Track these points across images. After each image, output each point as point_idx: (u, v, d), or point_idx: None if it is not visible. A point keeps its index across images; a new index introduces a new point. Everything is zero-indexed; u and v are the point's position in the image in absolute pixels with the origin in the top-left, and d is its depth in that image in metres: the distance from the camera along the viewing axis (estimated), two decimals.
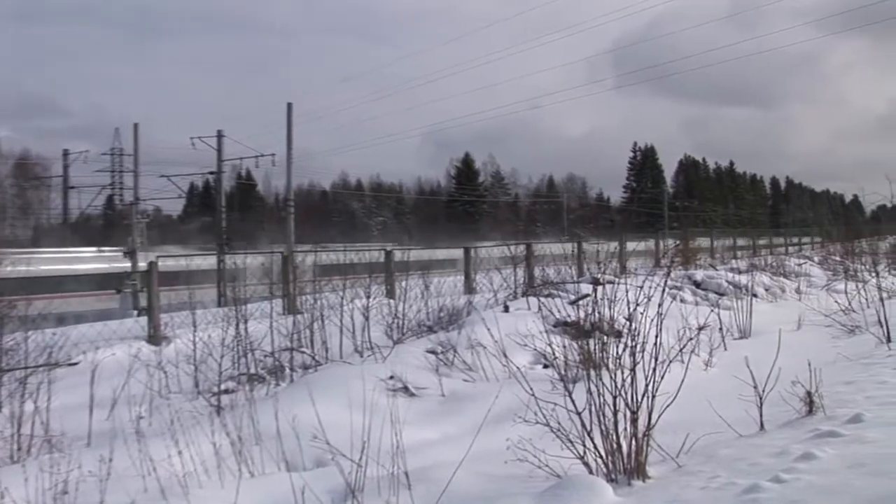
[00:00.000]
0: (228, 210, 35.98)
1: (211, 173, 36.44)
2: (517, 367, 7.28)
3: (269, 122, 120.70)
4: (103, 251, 32.01)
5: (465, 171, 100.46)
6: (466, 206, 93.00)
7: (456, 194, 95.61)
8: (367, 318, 10.36)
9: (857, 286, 13.67)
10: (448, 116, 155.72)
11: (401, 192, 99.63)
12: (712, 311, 10.32)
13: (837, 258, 23.85)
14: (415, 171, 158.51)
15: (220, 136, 34.58)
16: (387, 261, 15.58)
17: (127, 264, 28.99)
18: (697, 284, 16.74)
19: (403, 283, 12.66)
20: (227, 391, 8.23)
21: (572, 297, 11.19)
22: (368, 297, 10.88)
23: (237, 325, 9.38)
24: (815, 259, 26.54)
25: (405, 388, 8.04)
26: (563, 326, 9.35)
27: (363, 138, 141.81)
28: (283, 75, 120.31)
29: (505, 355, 8.05)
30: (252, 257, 16.67)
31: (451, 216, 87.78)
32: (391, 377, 8.14)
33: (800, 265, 22.26)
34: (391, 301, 11.73)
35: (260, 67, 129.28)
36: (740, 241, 30.63)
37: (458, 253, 18.68)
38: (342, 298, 10.76)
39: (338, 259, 13.98)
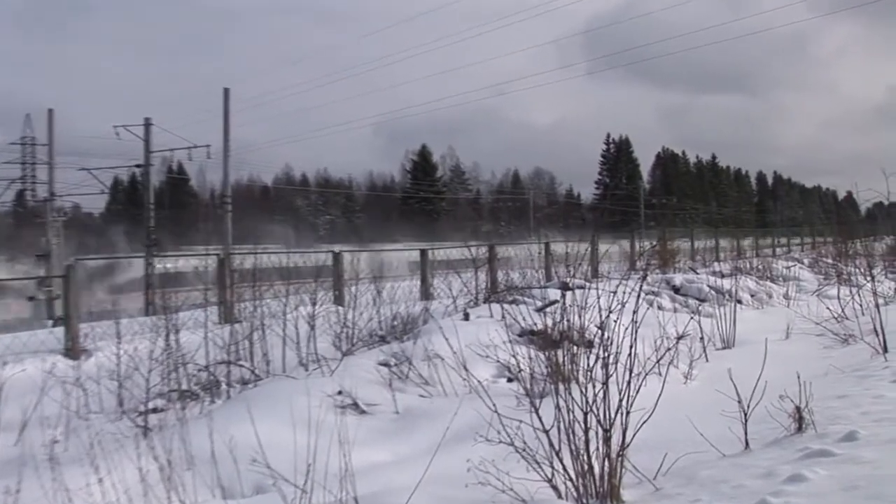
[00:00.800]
0: (157, 207, 35.51)
1: (137, 166, 35.97)
2: (478, 381, 7.28)
3: (205, 109, 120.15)
4: None
5: (422, 164, 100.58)
6: (423, 203, 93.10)
7: (411, 190, 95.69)
8: (312, 328, 10.30)
9: (850, 291, 13.90)
10: (404, 104, 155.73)
11: (350, 187, 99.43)
12: (692, 318, 10.43)
13: (829, 260, 24.28)
14: (366, 164, 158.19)
15: (147, 124, 34.11)
16: (335, 264, 15.52)
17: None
18: (676, 290, 16.93)
19: (353, 289, 12.62)
20: (155, 410, 8.13)
21: (539, 304, 11.26)
22: (314, 304, 10.82)
23: (167, 335, 9.27)
24: (805, 261, 26.96)
25: (355, 405, 8.02)
26: (529, 336, 9.40)
27: (310, 128, 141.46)
28: (222, 58, 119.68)
29: (465, 368, 8.05)
30: (184, 260, 16.53)
31: (407, 215, 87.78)
32: (339, 392, 8.11)
33: (788, 268, 22.60)
34: (340, 308, 11.68)
35: (195, 49, 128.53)
36: (723, 242, 31.01)
37: (413, 255, 18.66)
38: (285, 306, 10.70)
39: (280, 262, 13.90)
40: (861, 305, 13.01)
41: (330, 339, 10.55)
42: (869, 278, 12.72)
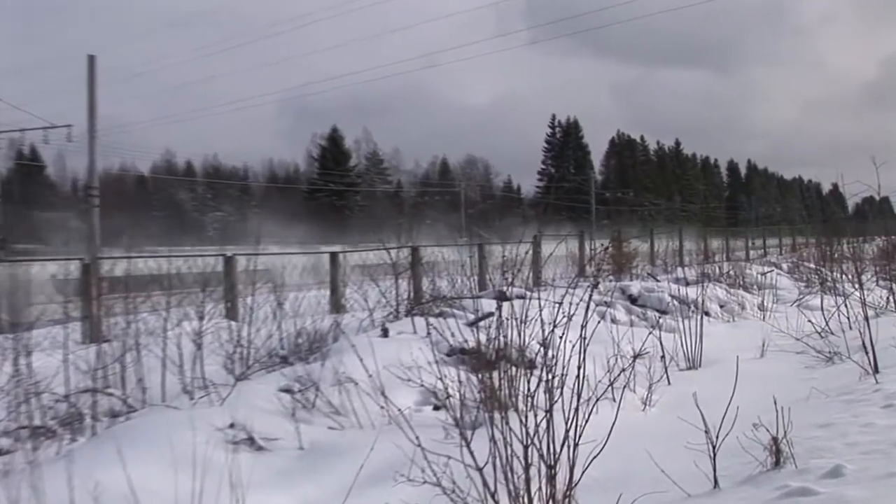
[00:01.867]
0: (4, 200, 34.73)
1: None
2: (399, 410, 7.27)
3: (65, 81, 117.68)
4: None
5: (332, 151, 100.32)
6: (333, 197, 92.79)
7: (320, 182, 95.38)
8: (199, 347, 10.17)
9: (836, 301, 14.20)
10: (310, 78, 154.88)
11: (246, 178, 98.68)
12: (651, 333, 10.54)
13: (812, 265, 24.82)
14: (266, 150, 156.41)
15: None
16: (227, 270, 15.36)
17: None
18: (633, 299, 17.16)
19: (249, 300, 12.50)
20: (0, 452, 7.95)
21: (471, 317, 11.30)
22: (202, 319, 10.69)
23: (16, 359, 9.06)
24: (784, 266, 27.53)
25: (250, 440, 7.94)
26: (460, 355, 9.42)
27: (196, 106, 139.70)
28: (88, 19, 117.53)
29: (383, 394, 8.01)
30: (40, 265, 16.17)
31: (314, 211, 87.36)
32: (232, 425, 8.03)
33: (764, 275, 23.02)
34: (232, 323, 11.56)
35: (54, 6, 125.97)
36: (688, 244, 31.44)
37: (322, 259, 18.58)
38: (166, 321, 10.55)
39: (160, 267, 13.69)
40: (848, 318, 13.30)
41: (220, 360, 10.43)
42: (857, 286, 12.96)
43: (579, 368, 5.68)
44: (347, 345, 10.14)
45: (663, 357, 11.06)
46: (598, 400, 5.68)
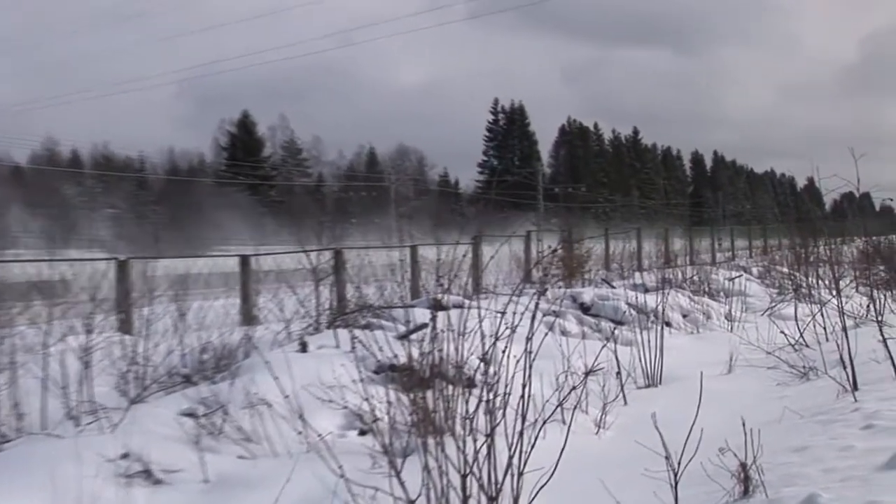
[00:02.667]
0: None
1: None
2: (320, 435, 7.26)
3: None
4: None
5: (243, 139, 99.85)
6: (244, 192, 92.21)
7: (228, 174, 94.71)
8: (87, 366, 10.05)
9: (811, 310, 14.39)
10: (218, 56, 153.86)
11: (143, 170, 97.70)
12: (606, 346, 10.61)
13: (785, 269, 25.14)
14: (166, 138, 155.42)
15: None
16: (120, 275, 15.20)
17: None
18: (585, 308, 17.27)
19: (146, 311, 12.38)
20: None
21: (402, 329, 11.29)
22: (90, 333, 10.57)
23: None
24: (754, 271, 27.87)
25: (146, 472, 7.86)
26: (389, 372, 9.43)
27: (83, 86, 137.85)
28: None
29: (301, 418, 8.00)
30: None
31: (222, 207, 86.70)
32: (125, 455, 7.94)
33: (732, 280, 23.29)
34: (127, 338, 11.44)
35: None
36: (647, 245, 31.67)
37: (231, 263, 18.45)
38: (46, 335, 10.41)
39: (40, 273, 13.51)
40: (825, 328, 13.49)
41: (112, 380, 10.32)
42: (835, 293, 13.09)
43: (524, 387, 5.70)
44: (260, 361, 10.06)
45: (619, 373, 11.12)
46: (545, 422, 5.71)
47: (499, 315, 5.98)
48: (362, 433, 8.62)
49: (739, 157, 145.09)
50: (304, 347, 11.85)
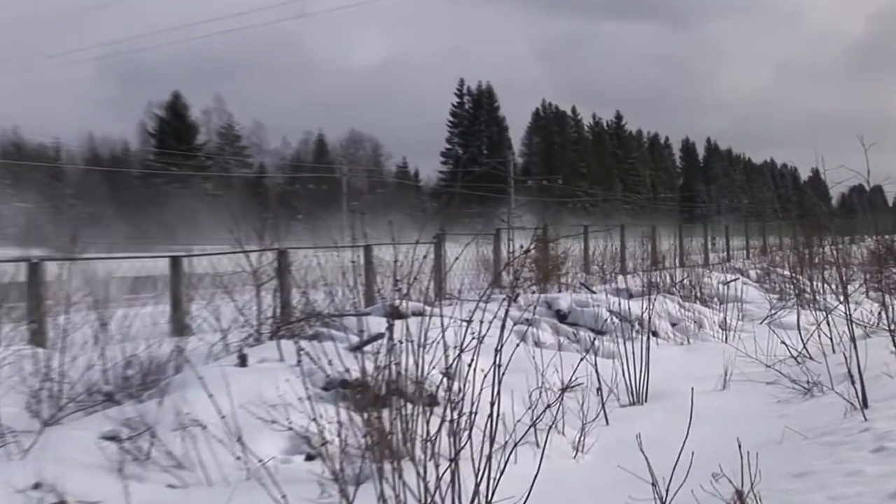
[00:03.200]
0: None
1: None
2: (261, 461, 7.25)
3: None
4: None
5: (174, 124, 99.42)
6: (176, 184, 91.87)
7: (157, 164, 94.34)
8: None
9: (816, 317, 14.45)
10: (145, 30, 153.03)
11: (58, 159, 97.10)
12: (585, 359, 10.63)
13: (786, 272, 25.24)
14: (84, 123, 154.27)
15: None
16: (32, 280, 15.12)
17: None
18: (562, 316, 17.31)
19: (62, 319, 12.33)
20: None
21: (355, 340, 11.28)
22: None
23: None
24: (752, 273, 28.01)
25: None
26: (340, 389, 9.42)
27: None
28: None
29: (240, 441, 7.99)
30: None
31: (149, 201, 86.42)
32: (37, 485, 7.91)
33: (727, 284, 23.34)
34: (39, 351, 11.38)
35: None
36: (632, 245, 31.68)
37: (160, 265, 18.38)
38: None
39: None
40: (831, 339, 13.56)
41: (22, 399, 10.27)
42: (842, 299, 13.12)
43: (493, 405, 5.71)
44: (193, 377, 10.05)
45: (600, 389, 11.16)
46: (516, 445, 5.72)
47: (464, 324, 5.99)
48: (309, 458, 8.60)
49: (735, 145, 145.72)
50: (243, 361, 11.81)
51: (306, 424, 7.93)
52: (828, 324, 13.66)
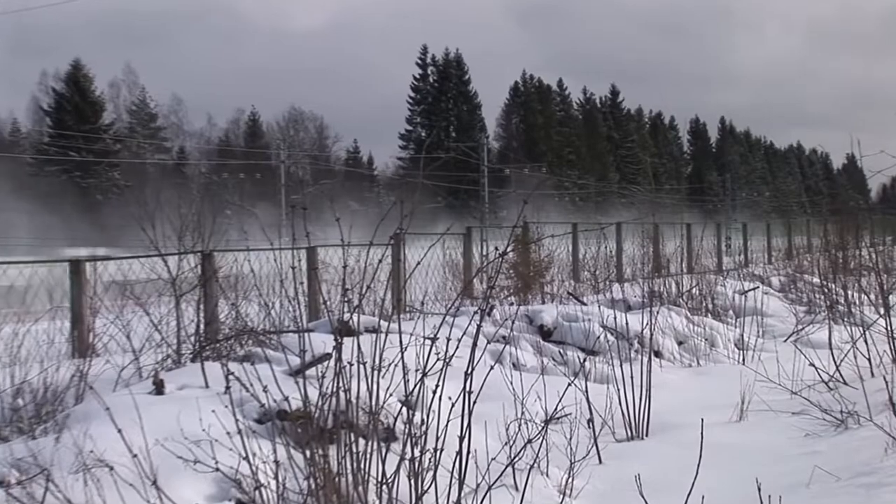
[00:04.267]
0: None
1: None
2: None
3: None
4: None
5: (75, 100, 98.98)
6: (77, 172, 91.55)
7: (54, 147, 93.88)
8: None
9: (851, 335, 14.49)
10: None
11: None
12: (573, 384, 10.68)
13: (816, 279, 25.32)
14: None
15: None
16: None
17: None
18: (546, 333, 17.34)
19: None
20: None
21: (296, 363, 11.30)
22: None
23: None
24: (775, 281, 28.08)
25: None
26: (278, 421, 9.42)
27: None
28: None
29: (155, 484, 7.99)
30: None
31: (46, 193, 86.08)
32: None
33: (745, 293, 23.43)
34: None
35: None
36: (630, 246, 31.67)
37: (57, 271, 18.34)
38: None
39: None
40: (869, 360, 13.60)
41: None
42: (883, 311, 13.14)
43: (462, 440, 5.74)
44: (98, 408, 10.05)
45: (591, 421, 11.20)
46: (490, 488, 5.74)
47: (428, 342, 6.01)
48: None
49: (755, 126, 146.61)
50: (159, 388, 11.80)
51: (236, 464, 7.94)
52: (865, 342, 13.70)
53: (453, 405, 5.81)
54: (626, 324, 16.81)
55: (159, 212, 15.42)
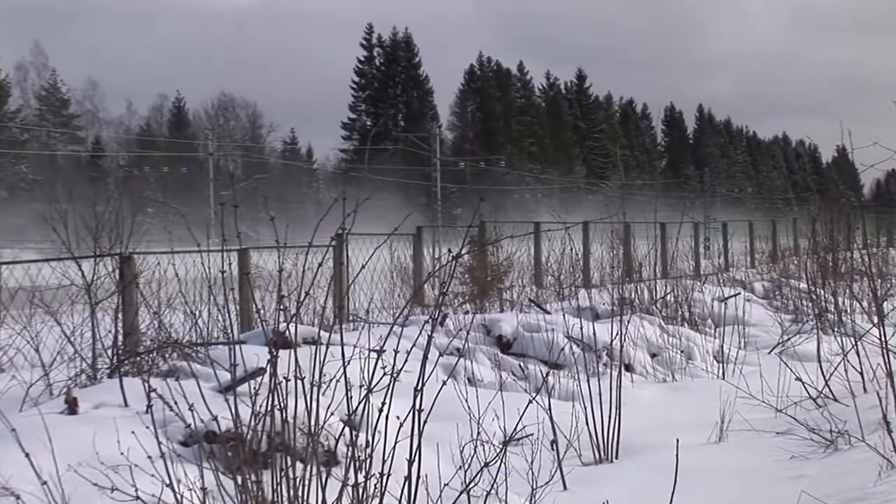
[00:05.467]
0: None
1: None
2: None
3: None
4: None
5: None
6: None
7: None
8: None
9: (842, 346, 14.55)
10: None
11: None
12: (535, 401, 10.70)
13: (803, 285, 25.43)
14: None
15: None
16: None
17: None
18: (505, 345, 17.37)
19: None
20: None
21: (226, 378, 11.28)
22: None
23: None
24: (758, 287, 28.18)
25: None
26: (206, 444, 9.41)
27: None
28: None
29: None
30: None
31: None
32: None
33: (725, 300, 23.53)
34: None
35: None
36: (598, 249, 31.69)
37: None
38: None
39: None
40: (861, 374, 13.68)
41: None
42: (876, 320, 13.20)
43: (412, 464, 5.75)
44: (3, 429, 10.03)
45: (555, 442, 11.22)
46: None
47: (373, 354, 6.02)
48: None
49: (736, 115, 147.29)
50: (72, 407, 11.76)
51: (159, 492, 7.93)
52: (857, 354, 13.77)
53: (401, 425, 5.82)
54: (594, 334, 16.86)
55: (72, 209, 15.34)
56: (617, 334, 15.80)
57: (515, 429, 9.27)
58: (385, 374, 5.94)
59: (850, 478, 9.91)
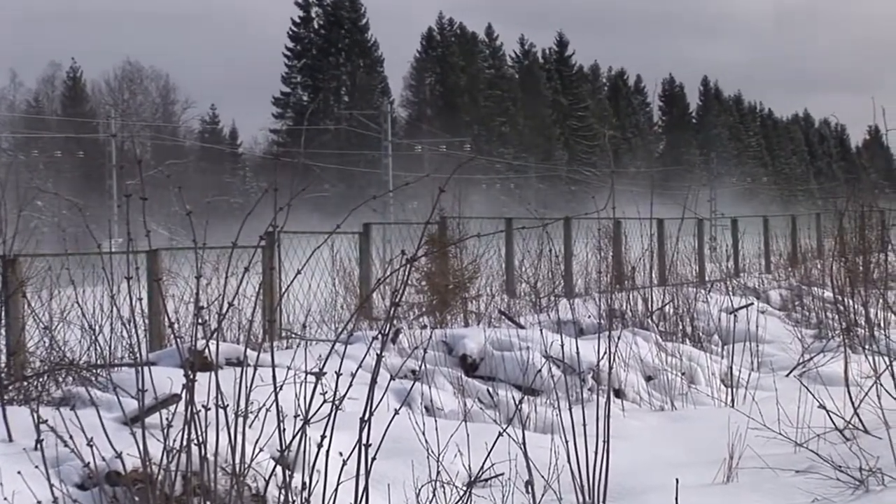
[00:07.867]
0: None
1: None
2: None
3: None
4: None
5: None
6: None
7: None
8: None
9: (874, 366, 14.60)
10: None
11: None
12: (505, 433, 10.72)
13: (828, 293, 25.47)
14: None
15: None
16: None
17: None
18: (470, 365, 17.38)
19: None
20: None
21: (133, 407, 11.27)
22: None
23: None
24: (774, 296, 28.24)
25: None
26: (108, 487, 9.41)
27: None
28: None
29: None
30: None
31: None
32: None
33: (735, 312, 23.55)
34: None
35: None
36: (582, 249, 31.66)
37: None
38: None
39: None
40: None
41: None
42: None
43: None
44: None
45: (530, 483, 11.24)
46: None
47: (311, 378, 6.03)
48: None
49: (748, 89, 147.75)
50: None
51: None
52: (892, 376, 13.81)
53: (345, 463, 5.83)
54: (577, 353, 16.78)
55: None
56: (605, 353, 15.84)
57: (482, 467, 9.29)
58: (325, 401, 5.94)
59: None
